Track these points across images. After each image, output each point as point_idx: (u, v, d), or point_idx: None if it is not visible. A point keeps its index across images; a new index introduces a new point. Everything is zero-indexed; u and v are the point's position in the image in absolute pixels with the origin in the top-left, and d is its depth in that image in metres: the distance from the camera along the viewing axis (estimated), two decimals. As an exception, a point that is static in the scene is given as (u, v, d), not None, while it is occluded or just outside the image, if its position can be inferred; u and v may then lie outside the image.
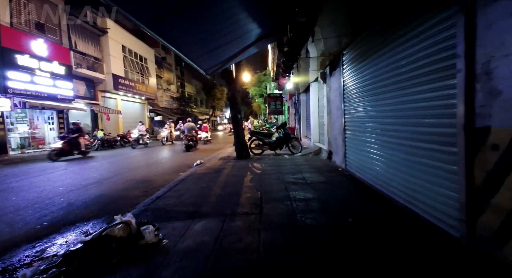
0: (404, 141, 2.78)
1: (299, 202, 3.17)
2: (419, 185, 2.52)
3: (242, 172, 5.28)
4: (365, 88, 3.76)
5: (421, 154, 2.44)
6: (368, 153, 3.77)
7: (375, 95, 3.49)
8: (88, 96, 15.24)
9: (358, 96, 4.04)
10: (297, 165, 5.71)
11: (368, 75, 3.64)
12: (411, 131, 2.62)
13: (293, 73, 5.56)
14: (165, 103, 26.83)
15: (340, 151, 5.05)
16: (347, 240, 2.18)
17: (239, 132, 7.17)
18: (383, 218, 2.62)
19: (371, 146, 3.66)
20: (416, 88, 2.47)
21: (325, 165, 5.65)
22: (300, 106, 11.42)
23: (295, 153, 7.37)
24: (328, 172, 4.86)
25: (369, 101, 3.66)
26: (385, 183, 3.24)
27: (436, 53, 2.16)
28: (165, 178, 5.39)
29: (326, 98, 6.07)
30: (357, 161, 4.22)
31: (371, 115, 3.63)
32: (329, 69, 5.64)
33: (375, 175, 3.54)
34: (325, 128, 6.63)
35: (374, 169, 3.57)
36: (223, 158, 7.36)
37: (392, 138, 3.07)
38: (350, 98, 4.37)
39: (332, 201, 3.18)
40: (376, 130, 3.49)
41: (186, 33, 3.39)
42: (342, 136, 4.89)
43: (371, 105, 3.62)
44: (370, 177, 3.70)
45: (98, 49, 15.70)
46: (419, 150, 2.47)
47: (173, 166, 7.01)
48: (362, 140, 3.95)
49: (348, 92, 4.45)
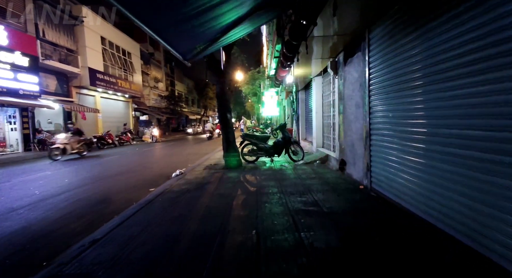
0: (474, 153, 1.68)
1: (321, 259, 1.90)
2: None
3: (231, 190, 3.99)
4: (412, 76, 2.54)
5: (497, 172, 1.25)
6: (411, 169, 2.56)
7: (430, 84, 2.28)
8: (60, 93, 13.56)
9: (397, 88, 2.82)
10: (302, 179, 4.46)
11: (419, 56, 2.42)
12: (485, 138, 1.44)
13: (297, 60, 4.30)
14: (152, 101, 25.15)
15: (360, 162, 3.84)
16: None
17: (229, 135, 5.87)
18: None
19: (417, 160, 2.45)
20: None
21: (338, 179, 4.42)
22: (298, 105, 10.21)
23: (297, 161, 6.13)
24: (346, 191, 3.62)
25: (419, 95, 2.45)
26: (445, 214, 2.02)
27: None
28: (129, 197, 4.03)
29: (338, 93, 4.85)
30: (391, 178, 3.00)
31: (422, 115, 2.42)
32: (344, 56, 4.42)
33: (425, 201, 2.33)
34: (335, 131, 5.41)
35: (422, 193, 2.36)
36: (210, 167, 6.04)
37: (455, 148, 1.90)
38: (381, 92, 3.16)
39: (377, 256, 1.93)
40: (430, 137, 2.28)
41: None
42: (363, 142, 3.68)
43: (423, 100, 2.40)
44: (417, 204, 2.49)
45: (72, 40, 14.03)
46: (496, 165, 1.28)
47: (148, 176, 5.64)
48: (403, 150, 2.73)
49: (377, 83, 3.23)
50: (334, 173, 4.87)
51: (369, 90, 3.44)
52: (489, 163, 1.72)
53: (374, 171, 3.41)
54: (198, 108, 41.30)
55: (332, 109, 5.91)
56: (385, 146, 3.12)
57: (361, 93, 3.74)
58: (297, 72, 6.38)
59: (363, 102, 3.68)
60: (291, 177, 4.69)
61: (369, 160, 3.49)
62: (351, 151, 4.26)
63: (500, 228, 1.64)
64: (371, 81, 3.40)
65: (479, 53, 1.79)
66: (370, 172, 3.48)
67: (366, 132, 3.59)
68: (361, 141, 3.78)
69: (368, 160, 3.54)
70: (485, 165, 1.75)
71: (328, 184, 4.06)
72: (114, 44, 17.10)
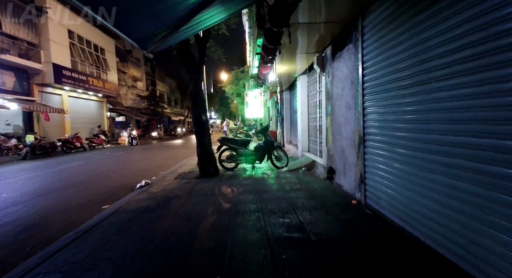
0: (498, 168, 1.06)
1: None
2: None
3: (200, 207, 3.29)
4: (420, 69, 2.01)
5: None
6: (421, 187, 2.03)
7: (445, 78, 1.75)
8: (20, 91, 12.10)
9: (398, 85, 2.29)
10: (286, 191, 3.86)
11: (429, 42, 1.90)
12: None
13: (279, 53, 3.71)
14: (130, 102, 23.68)
15: (352, 171, 3.30)
16: None
17: (205, 140, 5.16)
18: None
19: (428, 175, 1.92)
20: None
21: (326, 190, 3.86)
22: (283, 106, 9.70)
23: (281, 167, 5.54)
24: (337, 208, 3.06)
25: (430, 92, 1.92)
26: (471, 252, 1.49)
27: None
28: (72, 219, 3.22)
29: (325, 92, 4.32)
30: (391, 195, 2.46)
31: (434, 118, 1.89)
32: (332, 50, 3.89)
33: (441, 231, 1.80)
34: (322, 134, 4.89)
35: (437, 220, 1.83)
36: (182, 175, 5.29)
37: (469, 161, 1.35)
38: (378, 91, 2.62)
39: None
40: (445, 147, 1.75)
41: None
42: (356, 149, 3.14)
43: (435, 100, 1.87)
44: (429, 233, 1.96)
45: (34, 33, 12.62)
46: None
47: (107, 188, 4.78)
48: (408, 162, 2.20)
49: (374, 80, 2.70)
50: (321, 182, 4.32)
51: (363, 88, 2.91)
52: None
53: (370, 184, 2.87)
54: (181, 109, 39.89)
55: (319, 110, 5.40)
56: (383, 155, 2.59)
57: (352, 91, 3.21)
58: (280, 69, 5.81)
59: (355, 102, 3.14)
60: (274, 188, 4.08)
61: (363, 171, 2.96)
62: (341, 159, 3.72)
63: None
64: (365, 77, 2.87)
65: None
66: (365, 185, 2.94)
67: (359, 137, 3.05)
68: (353, 148, 3.25)
69: (362, 170, 3.00)
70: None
71: (315, 197, 3.48)
72: (85, 39, 15.72)
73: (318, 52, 4.41)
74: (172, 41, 3.57)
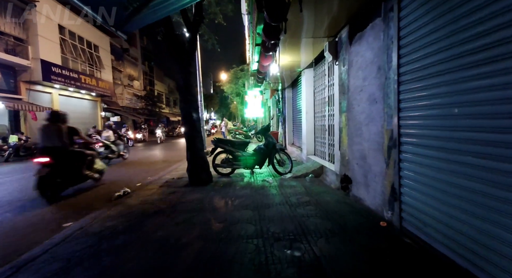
0: None
1: None
2: None
3: (184, 229, 2.55)
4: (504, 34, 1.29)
5: None
6: (487, 209, 1.30)
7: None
8: (5, 88, 11.38)
9: (468, 62, 1.57)
10: (292, 206, 3.12)
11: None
12: None
13: (284, 32, 2.98)
14: (126, 101, 22.99)
15: (378, 183, 2.57)
16: None
17: (196, 142, 4.42)
18: None
19: (500, 191, 1.20)
20: None
21: (343, 205, 3.12)
22: (285, 104, 8.97)
23: (284, 173, 4.80)
24: (362, 233, 2.32)
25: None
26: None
27: None
28: (21, 242, 2.48)
29: (339, 85, 3.59)
30: (442, 217, 1.73)
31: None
32: (349, 31, 3.16)
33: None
34: (333, 135, 4.16)
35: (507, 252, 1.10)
36: (170, 183, 4.55)
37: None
38: (429, 73, 1.89)
39: None
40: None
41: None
42: (384, 154, 2.41)
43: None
44: (495, 270, 1.23)
45: (22, 27, 11.92)
46: None
47: (79, 198, 4.05)
48: (469, 173, 1.47)
49: (419, 59, 1.97)
50: (334, 194, 3.57)
51: (399, 74, 2.17)
52: None
53: (408, 202, 2.14)
54: (181, 110, 39.16)
55: (328, 107, 4.67)
56: (433, 164, 1.85)
57: (379, 80, 2.48)
58: (283, 60, 5.08)
59: (383, 94, 2.41)
60: (276, 200, 3.33)
61: (398, 184, 2.22)
62: (360, 166, 2.99)
63: None
64: (403, 58, 2.13)
65: None
66: (400, 203, 2.21)
67: (390, 140, 2.32)
68: (379, 153, 2.52)
69: (394, 182, 2.27)
70: None
71: (330, 215, 2.74)
72: (77, 35, 15.02)
73: (330, 36, 3.68)
74: (147, 19, 2.85)
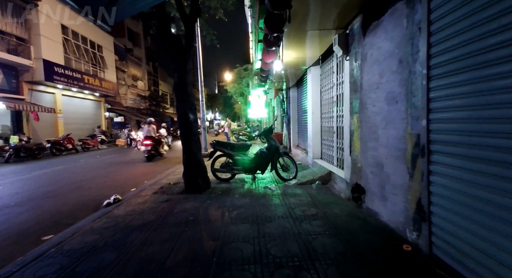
0: None
1: None
2: None
3: (171, 248, 2.20)
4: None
5: None
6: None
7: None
8: (7, 89, 11.31)
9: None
10: (296, 220, 2.74)
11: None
12: None
13: (288, 22, 2.61)
14: (130, 102, 22.93)
15: (399, 197, 2.18)
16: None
17: (192, 144, 4.08)
18: None
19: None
20: None
21: (355, 219, 2.73)
22: (289, 105, 8.58)
23: (288, 179, 4.42)
24: (381, 258, 1.93)
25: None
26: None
27: None
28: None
29: (350, 83, 3.20)
30: (488, 248, 1.34)
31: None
32: (363, 21, 2.77)
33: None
34: (342, 138, 3.77)
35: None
36: (165, 188, 4.23)
37: None
38: (472, 64, 1.50)
39: None
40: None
41: None
42: (408, 163, 2.02)
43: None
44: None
45: (24, 27, 11.85)
46: None
47: (67, 206, 3.77)
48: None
49: (456, 48, 1.58)
50: (344, 205, 3.17)
51: (429, 67, 1.78)
52: None
53: (441, 224, 1.74)
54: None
55: (336, 108, 4.28)
56: (474, 181, 1.46)
57: (401, 76, 2.09)
58: (288, 56, 4.71)
59: (406, 92, 2.02)
60: (279, 213, 2.96)
61: (427, 201, 1.83)
62: (376, 175, 2.60)
63: None
64: (435, 47, 1.74)
65: None
66: (430, 225, 1.81)
67: (415, 146, 1.93)
68: (401, 161, 2.13)
69: (422, 198, 1.88)
70: None
71: (341, 233, 2.35)
72: (80, 35, 14.93)
73: (339, 28, 3.29)
74: (135, 8, 2.53)
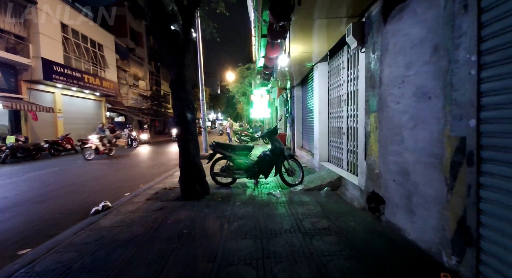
0: None
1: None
2: None
3: (157, 271, 1.86)
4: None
5: None
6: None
7: None
8: (6, 88, 11.11)
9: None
10: (306, 235, 2.37)
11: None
12: None
13: (298, 4, 2.26)
14: (132, 101, 22.72)
15: (431, 212, 1.80)
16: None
17: (189, 146, 3.73)
18: None
19: None
20: None
21: (375, 235, 2.35)
22: (294, 104, 8.22)
23: (293, 185, 4.06)
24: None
25: None
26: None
27: None
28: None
29: (367, 77, 2.83)
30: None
31: None
32: (383, 6, 2.40)
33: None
34: (353, 140, 3.39)
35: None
36: (160, 194, 3.90)
37: None
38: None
39: None
40: None
41: None
42: (445, 173, 1.65)
43: None
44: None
45: (23, 25, 11.64)
46: None
47: (55, 211, 3.45)
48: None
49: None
50: (359, 216, 2.80)
51: (480, 53, 1.41)
52: None
53: (493, 251, 1.37)
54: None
55: (347, 106, 3.91)
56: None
57: (437, 66, 1.72)
58: (293, 51, 4.34)
59: (444, 86, 1.66)
60: (286, 225, 2.60)
61: (475, 221, 1.45)
62: (400, 184, 2.22)
63: None
64: (487, 28, 1.37)
65: None
66: (478, 250, 1.44)
67: (457, 152, 1.56)
68: (436, 170, 1.76)
69: (468, 217, 1.51)
70: None
71: (361, 255, 1.98)
72: (80, 34, 14.72)
73: (353, 16, 2.92)
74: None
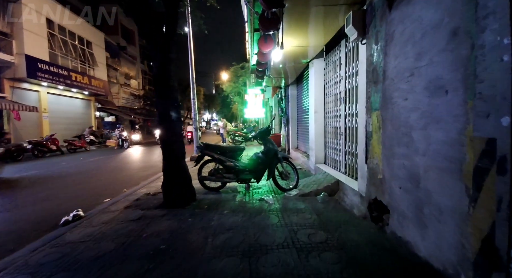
0: None
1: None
2: None
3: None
4: None
5: None
6: None
7: None
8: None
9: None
10: (301, 252, 2.07)
11: None
12: None
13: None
14: (123, 101, 22.14)
15: (448, 226, 1.53)
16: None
17: (174, 148, 3.40)
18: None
19: None
20: None
21: (381, 251, 2.07)
22: (288, 103, 7.95)
23: (288, 189, 3.76)
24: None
25: None
26: None
27: None
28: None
29: (369, 71, 2.56)
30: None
31: None
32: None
33: None
34: (352, 141, 3.12)
35: None
36: (141, 201, 3.55)
37: None
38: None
39: None
40: None
41: None
42: (467, 181, 1.38)
43: None
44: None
45: (6, 21, 11.08)
46: None
47: (21, 222, 3.07)
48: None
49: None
50: (361, 226, 2.51)
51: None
52: None
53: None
54: (181, 110, 38.39)
55: (345, 105, 3.64)
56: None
57: (456, 54, 1.45)
58: (287, 45, 4.04)
59: (465, 77, 1.39)
60: (278, 239, 2.29)
61: (507, 240, 1.18)
62: (408, 191, 1.95)
63: None
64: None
65: None
66: (509, 276, 1.17)
67: (482, 157, 1.28)
68: (454, 176, 1.48)
69: (498, 236, 1.23)
70: None
71: (364, 275, 1.70)
72: (67, 30, 14.16)
73: (353, 3, 2.64)
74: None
